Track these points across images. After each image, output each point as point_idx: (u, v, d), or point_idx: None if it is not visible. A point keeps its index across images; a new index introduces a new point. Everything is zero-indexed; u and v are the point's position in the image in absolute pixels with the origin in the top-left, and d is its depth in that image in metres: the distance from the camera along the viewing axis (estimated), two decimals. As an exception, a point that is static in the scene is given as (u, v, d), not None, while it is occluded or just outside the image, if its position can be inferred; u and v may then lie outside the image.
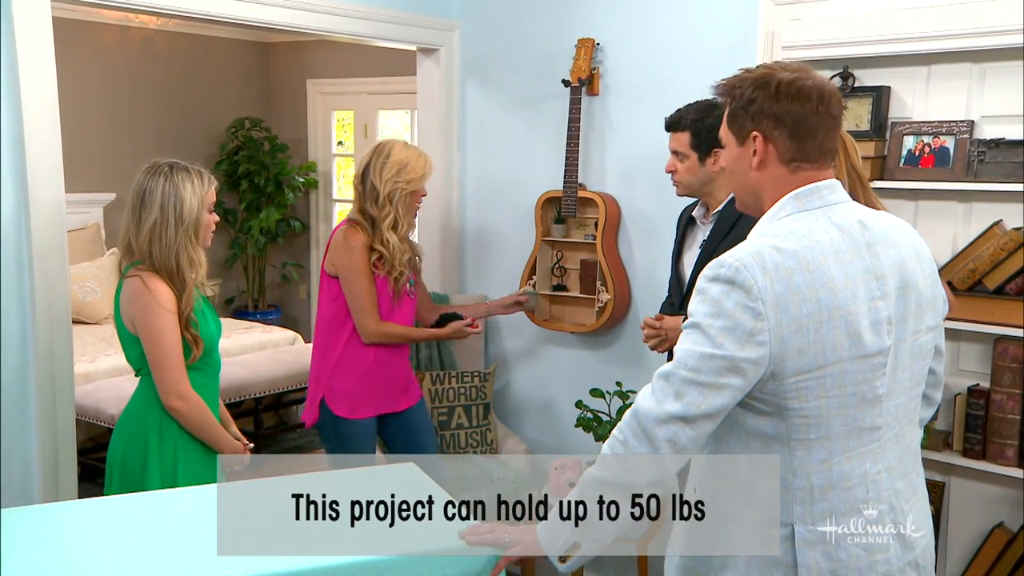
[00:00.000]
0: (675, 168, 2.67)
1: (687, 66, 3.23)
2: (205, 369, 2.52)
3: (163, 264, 2.37)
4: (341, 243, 2.95)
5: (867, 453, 1.56)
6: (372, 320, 2.94)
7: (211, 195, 2.47)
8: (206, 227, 2.45)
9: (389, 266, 2.94)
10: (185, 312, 2.39)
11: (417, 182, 2.95)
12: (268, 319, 6.56)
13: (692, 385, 1.50)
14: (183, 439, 2.46)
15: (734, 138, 1.63)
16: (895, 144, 2.80)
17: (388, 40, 3.69)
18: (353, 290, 2.93)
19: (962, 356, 2.80)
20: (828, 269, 1.50)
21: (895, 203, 2.86)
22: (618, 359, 3.54)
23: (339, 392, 2.98)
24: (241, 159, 6.50)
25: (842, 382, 1.51)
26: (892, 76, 2.85)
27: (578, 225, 3.59)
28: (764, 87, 1.57)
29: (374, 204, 2.93)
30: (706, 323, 1.50)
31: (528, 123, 3.69)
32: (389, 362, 3.04)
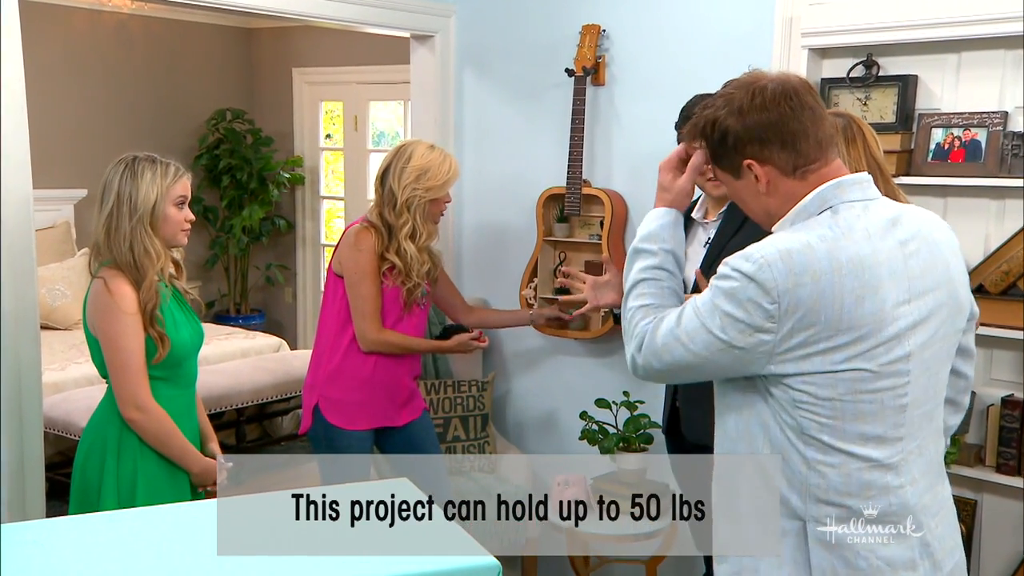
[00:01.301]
0: None
1: (699, 54, 3.23)
2: (175, 380, 2.49)
3: (120, 257, 2.38)
4: (351, 243, 2.94)
5: (890, 465, 1.57)
6: (372, 326, 2.93)
7: (177, 188, 2.44)
8: (172, 223, 2.43)
9: (403, 276, 2.94)
10: (147, 307, 2.38)
11: (438, 190, 2.94)
12: (251, 324, 6.54)
13: (679, 345, 1.60)
14: (144, 455, 2.43)
15: (729, 175, 1.66)
16: (922, 137, 2.79)
17: (380, 26, 3.69)
18: (356, 293, 2.92)
19: (995, 364, 2.79)
20: (857, 273, 1.52)
21: (922, 200, 2.85)
22: (625, 367, 3.49)
23: (334, 401, 2.97)
24: (222, 153, 6.49)
25: (855, 388, 1.53)
26: (919, 64, 2.84)
27: (582, 224, 3.58)
28: (729, 116, 1.60)
29: (391, 210, 2.92)
30: (720, 303, 1.56)
31: (529, 115, 3.68)
32: (391, 374, 3.02)
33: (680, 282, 1.74)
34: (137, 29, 6.32)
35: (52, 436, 4.11)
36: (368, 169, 6.51)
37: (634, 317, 1.70)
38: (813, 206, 1.59)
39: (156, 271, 2.41)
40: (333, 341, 2.99)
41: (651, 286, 1.71)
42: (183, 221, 2.47)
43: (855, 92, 2.89)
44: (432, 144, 3.02)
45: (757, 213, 1.68)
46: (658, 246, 1.74)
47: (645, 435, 3.18)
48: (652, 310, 1.68)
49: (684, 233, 2.77)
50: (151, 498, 2.39)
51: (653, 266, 1.73)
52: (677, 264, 1.75)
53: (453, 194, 3.88)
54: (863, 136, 2.15)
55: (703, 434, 2.82)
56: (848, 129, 2.14)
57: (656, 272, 1.72)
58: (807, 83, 1.63)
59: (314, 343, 3.10)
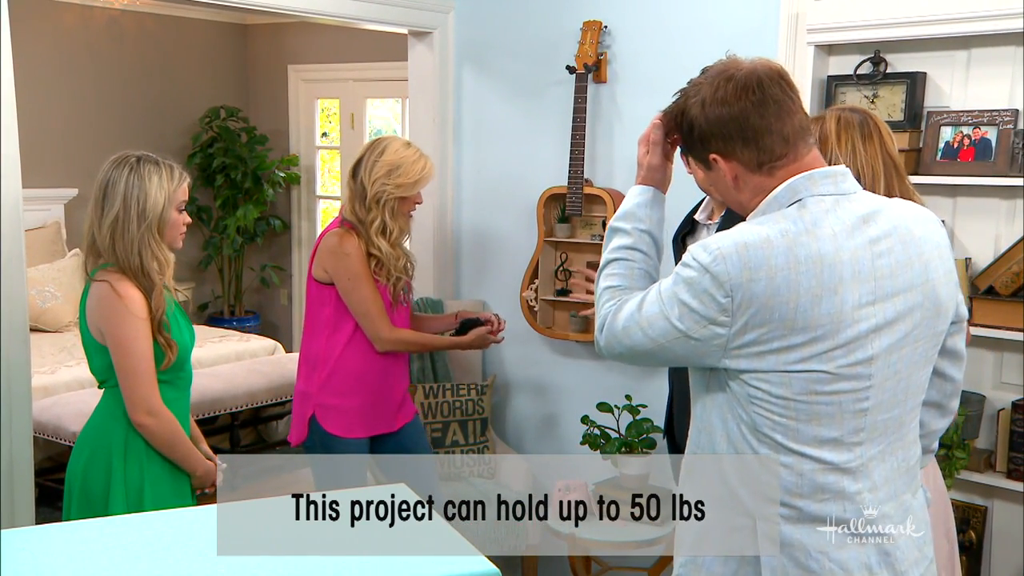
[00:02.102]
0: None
1: (703, 51, 3.19)
2: (176, 382, 2.50)
3: (127, 262, 2.37)
4: (335, 248, 2.91)
5: (847, 469, 1.56)
6: (385, 327, 2.92)
7: (181, 192, 2.45)
8: (173, 227, 2.44)
9: (387, 272, 2.93)
10: (156, 315, 2.38)
11: (408, 188, 2.91)
12: (245, 326, 6.54)
13: (639, 330, 1.61)
14: (151, 459, 2.44)
15: (700, 166, 1.67)
16: (931, 135, 2.79)
17: (377, 22, 3.69)
18: (357, 297, 2.90)
19: (1005, 368, 2.79)
20: (816, 271, 1.49)
21: (931, 200, 2.84)
22: (628, 370, 3.52)
23: (332, 408, 2.95)
24: (216, 152, 6.49)
25: (811, 389, 1.51)
26: (928, 61, 2.84)
27: (584, 224, 3.58)
28: (694, 107, 1.61)
29: (361, 205, 2.91)
30: (679, 291, 1.56)
31: (529, 113, 3.68)
32: (388, 376, 3.02)
33: (656, 263, 1.75)
34: (129, 25, 6.32)
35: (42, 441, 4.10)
36: (365, 168, 6.50)
37: (601, 297, 1.71)
38: (784, 197, 1.58)
39: (165, 278, 2.41)
40: (325, 347, 2.97)
41: (621, 266, 1.72)
42: (180, 224, 2.47)
43: (862, 90, 2.88)
44: (409, 142, 2.99)
45: (732, 204, 1.69)
46: (632, 225, 1.74)
47: (648, 439, 3.18)
48: (618, 292, 1.69)
49: (684, 245, 2.80)
50: (158, 502, 2.40)
51: (626, 246, 1.73)
52: (655, 244, 1.75)
53: (452, 194, 3.90)
54: (879, 133, 2.15)
55: None
56: (864, 125, 2.14)
57: (628, 252, 1.72)
58: (778, 72, 1.59)
59: (301, 352, 3.06)
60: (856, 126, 2.13)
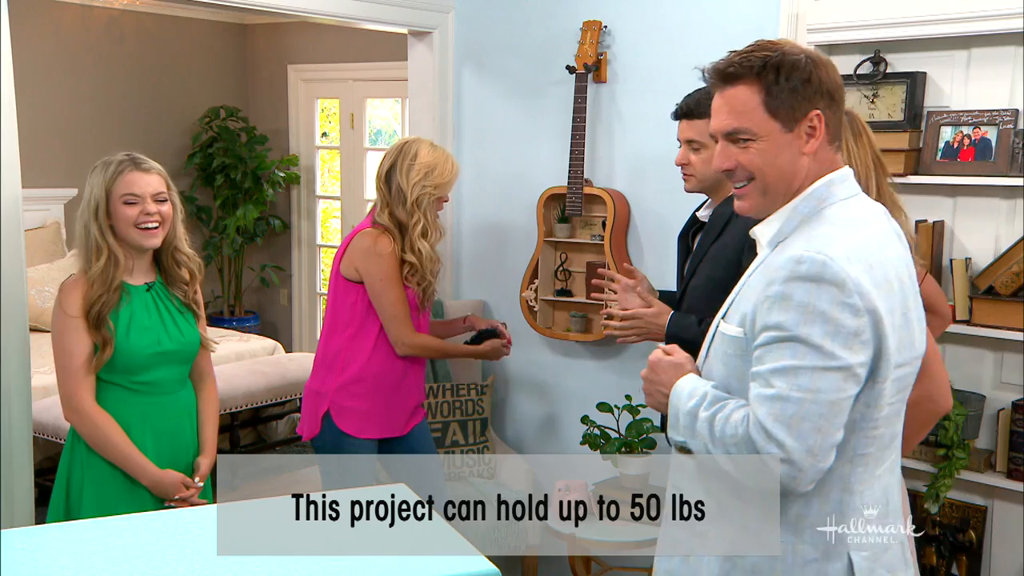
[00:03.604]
0: (688, 160, 2.61)
1: (703, 51, 3.18)
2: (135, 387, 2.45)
3: (87, 263, 2.41)
4: (370, 248, 2.92)
5: (893, 464, 1.64)
6: (408, 331, 2.95)
7: (122, 183, 2.40)
8: (121, 220, 2.40)
9: (420, 276, 2.95)
10: (92, 309, 2.37)
11: (444, 187, 2.97)
12: (245, 326, 6.54)
13: (811, 413, 1.45)
14: (91, 461, 2.44)
15: (778, 124, 1.56)
16: (931, 135, 2.79)
17: (376, 22, 3.69)
18: (387, 299, 2.92)
19: (1005, 368, 2.79)
20: (893, 260, 1.55)
21: (931, 200, 2.85)
22: (628, 370, 3.53)
23: (348, 408, 2.97)
24: (216, 152, 6.49)
25: (903, 385, 1.57)
26: (928, 61, 2.84)
27: (584, 225, 3.58)
28: (810, 63, 1.55)
29: (402, 209, 2.92)
30: (803, 333, 1.45)
31: (529, 113, 3.68)
32: (406, 382, 3.04)
33: None
34: (129, 25, 6.32)
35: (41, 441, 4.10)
36: (365, 168, 6.51)
37: (716, 429, 1.55)
38: (841, 191, 1.59)
39: (109, 270, 2.38)
40: (348, 347, 2.98)
41: (707, 416, 1.58)
42: (136, 217, 2.39)
43: (862, 89, 2.89)
44: (433, 142, 3.04)
45: (776, 175, 1.59)
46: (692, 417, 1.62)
47: (648, 440, 3.18)
48: (725, 409, 1.55)
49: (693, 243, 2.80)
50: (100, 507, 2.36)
51: (703, 415, 1.60)
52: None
53: (451, 194, 3.89)
54: (865, 131, 2.17)
55: None
56: (853, 124, 2.16)
57: (705, 410, 1.60)
58: None
59: (320, 347, 3.07)
60: (847, 126, 2.14)
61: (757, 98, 1.56)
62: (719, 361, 1.63)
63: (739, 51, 1.60)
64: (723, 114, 1.62)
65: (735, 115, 1.59)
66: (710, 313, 2.61)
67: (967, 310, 2.72)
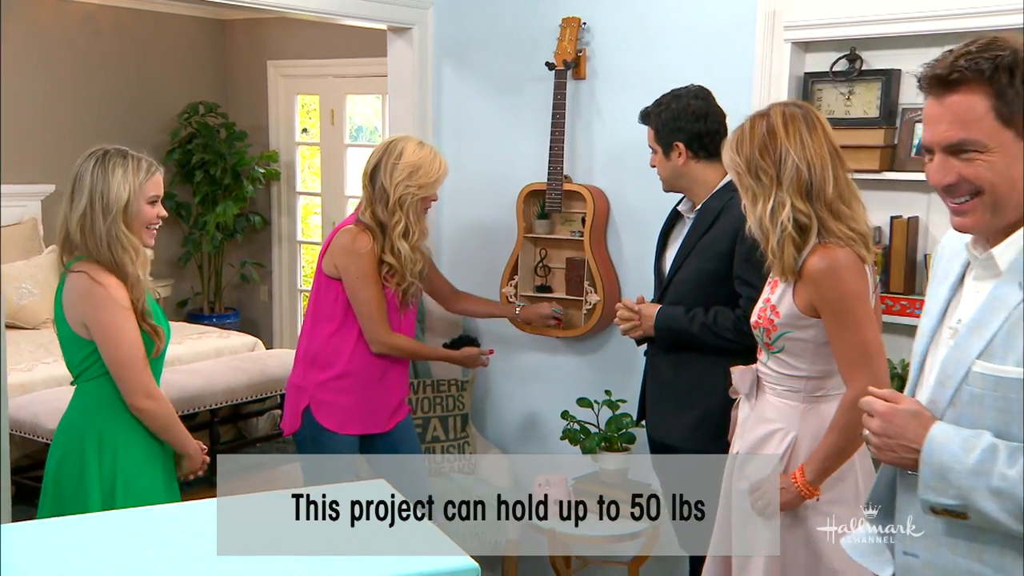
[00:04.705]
0: (654, 162, 2.82)
1: (681, 48, 3.25)
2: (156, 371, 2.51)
3: (99, 255, 2.38)
4: (348, 245, 2.93)
5: None
6: (383, 330, 2.95)
7: (150, 186, 2.44)
8: (141, 220, 2.43)
9: (399, 277, 2.95)
10: (138, 303, 2.39)
11: (430, 187, 2.95)
12: (225, 323, 6.51)
13: None
14: (124, 454, 2.44)
15: (1011, 133, 1.42)
16: (906, 132, 2.82)
17: (356, 18, 3.69)
18: (361, 297, 2.93)
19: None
20: None
21: (906, 195, 2.88)
22: (608, 365, 3.55)
23: (327, 403, 2.98)
24: (195, 148, 6.46)
25: None
26: (903, 58, 2.87)
27: (563, 221, 3.60)
28: None
29: (384, 208, 2.93)
30: None
31: (509, 109, 3.69)
32: (387, 379, 3.05)
33: None
34: (106, 20, 6.28)
35: (18, 439, 4.08)
36: (346, 164, 6.50)
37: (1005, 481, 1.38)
38: None
39: (138, 267, 2.41)
40: (329, 343, 2.99)
41: (1009, 467, 1.39)
42: (154, 218, 2.46)
43: (838, 86, 2.91)
44: (421, 141, 3.03)
45: (1000, 192, 1.44)
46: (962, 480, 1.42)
47: (627, 435, 3.20)
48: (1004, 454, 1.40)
49: (672, 227, 2.89)
50: (130, 499, 2.40)
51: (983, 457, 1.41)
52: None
53: (432, 190, 3.90)
54: (821, 124, 2.22)
55: (664, 433, 2.89)
56: (808, 118, 2.21)
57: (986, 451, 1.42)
58: None
59: (301, 343, 3.09)
60: (801, 119, 2.20)
61: (986, 104, 1.40)
62: (992, 408, 1.43)
63: (961, 50, 1.43)
64: (944, 124, 1.43)
65: (960, 125, 1.41)
66: (698, 304, 2.68)
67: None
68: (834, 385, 2.24)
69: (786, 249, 2.17)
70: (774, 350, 2.27)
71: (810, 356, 2.23)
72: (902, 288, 2.82)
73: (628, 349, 3.41)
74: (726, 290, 2.65)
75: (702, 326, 2.66)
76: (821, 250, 2.16)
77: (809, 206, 2.17)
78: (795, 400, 2.26)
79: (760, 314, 2.30)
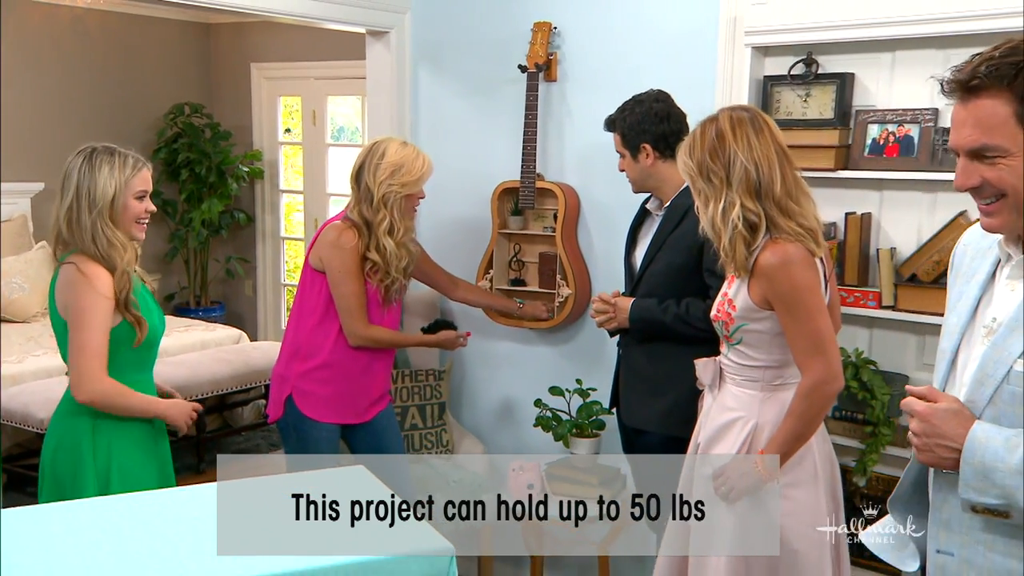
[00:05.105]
0: (622, 166, 2.86)
1: (646, 52, 3.26)
2: (145, 364, 2.50)
3: (85, 249, 2.36)
4: (333, 240, 2.93)
5: None
6: (360, 324, 2.94)
7: (137, 181, 2.42)
8: (129, 215, 2.41)
9: (382, 274, 2.94)
10: (122, 294, 2.37)
11: (413, 185, 2.94)
12: (211, 316, 6.47)
13: None
14: (118, 443, 2.42)
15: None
16: (859, 133, 2.85)
17: (336, 22, 3.67)
18: (341, 291, 2.92)
19: (927, 350, 2.86)
20: None
21: (859, 193, 2.91)
22: (578, 355, 3.56)
23: (310, 393, 2.97)
24: (181, 147, 6.41)
25: None
26: (856, 62, 2.89)
27: (536, 217, 3.60)
28: None
29: (369, 207, 2.92)
30: None
31: (483, 110, 3.69)
32: (369, 371, 3.04)
33: None
34: (93, 23, 6.20)
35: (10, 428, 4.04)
36: (327, 163, 6.47)
37: None
38: None
39: (125, 260, 2.39)
40: (312, 335, 2.98)
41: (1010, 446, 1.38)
42: (142, 213, 2.45)
43: (796, 89, 2.94)
44: (405, 141, 3.03)
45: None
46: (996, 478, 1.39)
47: (597, 421, 3.21)
48: None
49: (641, 223, 2.91)
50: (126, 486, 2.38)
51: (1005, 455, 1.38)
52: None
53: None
54: (768, 126, 2.24)
55: (637, 419, 2.90)
56: (755, 121, 2.23)
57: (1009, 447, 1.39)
58: None
59: (287, 334, 3.08)
60: (748, 122, 2.22)
61: (1008, 109, 1.36)
62: None
63: (985, 55, 1.40)
64: (967, 128, 1.40)
65: (982, 130, 1.38)
66: (670, 296, 2.70)
67: (892, 296, 2.78)
68: (791, 374, 2.26)
69: (737, 247, 2.19)
70: (733, 342, 2.29)
71: (767, 347, 2.25)
72: (856, 280, 2.85)
73: (598, 340, 3.43)
74: (696, 282, 2.67)
75: (675, 316, 2.68)
76: (772, 246, 2.18)
77: (758, 205, 2.19)
78: (754, 389, 2.28)
79: (719, 308, 2.32)
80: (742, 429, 2.27)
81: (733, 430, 2.28)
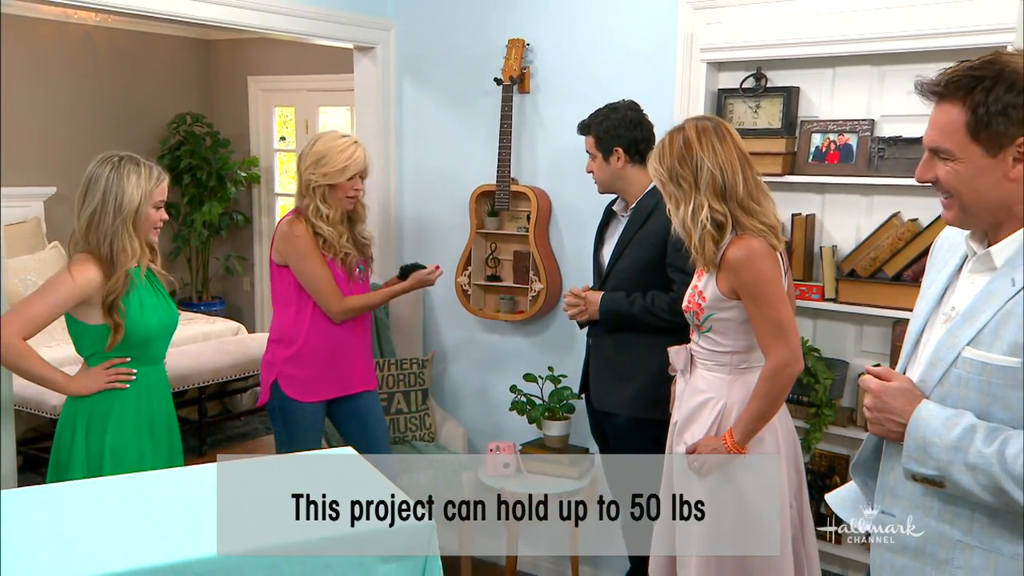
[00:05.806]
0: (590, 168, 2.85)
1: (612, 66, 3.28)
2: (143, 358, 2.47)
3: (97, 250, 2.35)
4: (286, 233, 2.92)
5: None
6: (334, 301, 2.92)
7: (159, 191, 2.42)
8: (148, 221, 2.41)
9: (333, 248, 2.92)
10: (110, 297, 2.35)
11: (335, 176, 2.85)
12: (212, 310, 6.45)
13: None
14: (113, 431, 2.41)
15: (980, 148, 1.38)
16: (804, 141, 2.88)
17: (326, 38, 3.66)
18: (307, 276, 2.90)
19: (865, 338, 2.91)
20: None
21: (804, 196, 2.95)
22: (550, 345, 3.58)
23: (291, 376, 2.97)
24: (183, 154, 6.38)
25: None
26: (801, 77, 2.92)
27: (511, 218, 3.62)
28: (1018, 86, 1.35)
29: (298, 193, 2.94)
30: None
31: (462, 119, 3.70)
32: (347, 348, 3.02)
33: None
34: (102, 40, 6.16)
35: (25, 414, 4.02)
36: (319, 169, 6.44)
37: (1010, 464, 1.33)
38: None
39: (134, 264, 2.38)
40: (292, 323, 2.97)
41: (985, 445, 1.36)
42: (158, 220, 2.44)
43: (747, 101, 2.96)
44: (344, 134, 2.95)
45: (979, 200, 1.40)
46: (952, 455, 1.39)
47: (567, 405, 3.24)
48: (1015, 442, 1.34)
49: (608, 224, 2.92)
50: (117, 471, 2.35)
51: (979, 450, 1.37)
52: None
53: (394, 190, 3.89)
54: (730, 134, 2.27)
55: (607, 403, 2.92)
56: (718, 129, 2.25)
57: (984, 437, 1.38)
58: None
59: (272, 327, 3.08)
60: (712, 131, 2.24)
61: (961, 119, 1.38)
62: (976, 391, 1.40)
63: (959, 65, 1.40)
64: (931, 129, 1.43)
65: (939, 132, 1.41)
66: (637, 289, 2.72)
67: (834, 290, 2.82)
68: (756, 358, 2.30)
69: (706, 245, 2.22)
70: (703, 330, 2.31)
71: (734, 334, 2.28)
72: (801, 275, 2.88)
73: (568, 331, 3.45)
74: (660, 277, 2.70)
75: (642, 308, 2.70)
76: (738, 241, 2.21)
77: (724, 206, 2.21)
78: (723, 372, 2.31)
79: (690, 299, 2.34)
80: (712, 409, 2.30)
81: (705, 410, 2.31)
